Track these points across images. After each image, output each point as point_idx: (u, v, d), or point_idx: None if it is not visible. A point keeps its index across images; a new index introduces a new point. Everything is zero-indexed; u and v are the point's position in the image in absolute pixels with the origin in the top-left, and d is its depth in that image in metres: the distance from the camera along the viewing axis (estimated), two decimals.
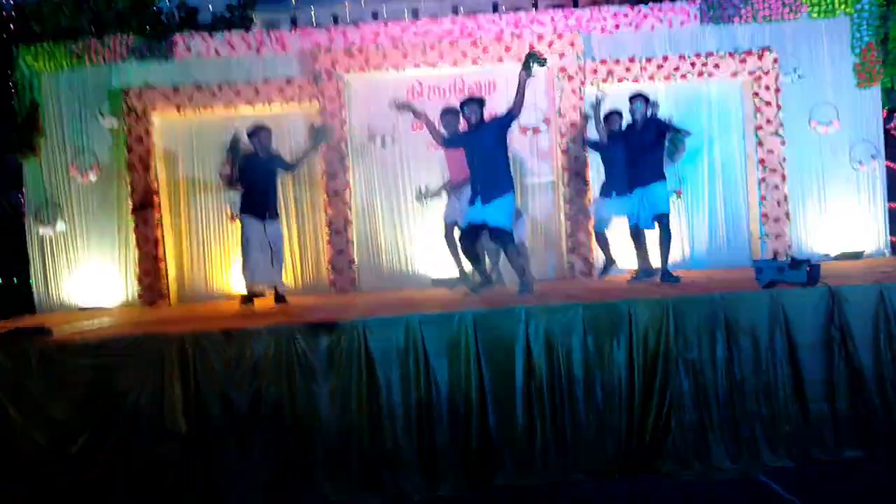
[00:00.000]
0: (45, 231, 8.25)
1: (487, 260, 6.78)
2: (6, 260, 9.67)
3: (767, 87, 8.12)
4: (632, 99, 6.61)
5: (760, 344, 4.64)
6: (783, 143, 8.17)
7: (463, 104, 6.20)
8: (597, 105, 7.06)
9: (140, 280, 8.06)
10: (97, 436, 4.57)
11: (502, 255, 6.57)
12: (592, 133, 7.67)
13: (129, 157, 8.06)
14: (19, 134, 8.20)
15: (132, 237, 8.08)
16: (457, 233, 6.90)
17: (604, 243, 7.61)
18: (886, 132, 8.64)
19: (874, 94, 8.43)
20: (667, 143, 6.70)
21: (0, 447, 4.56)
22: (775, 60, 8.12)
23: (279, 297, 6.98)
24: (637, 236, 6.77)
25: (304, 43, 8.34)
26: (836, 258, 8.13)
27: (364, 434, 4.59)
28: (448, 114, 6.67)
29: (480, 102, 6.15)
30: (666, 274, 6.35)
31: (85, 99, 8.28)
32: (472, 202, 6.14)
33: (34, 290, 8.34)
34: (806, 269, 4.79)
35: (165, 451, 4.54)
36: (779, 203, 8.12)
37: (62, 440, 4.57)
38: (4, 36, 9.31)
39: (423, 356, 4.64)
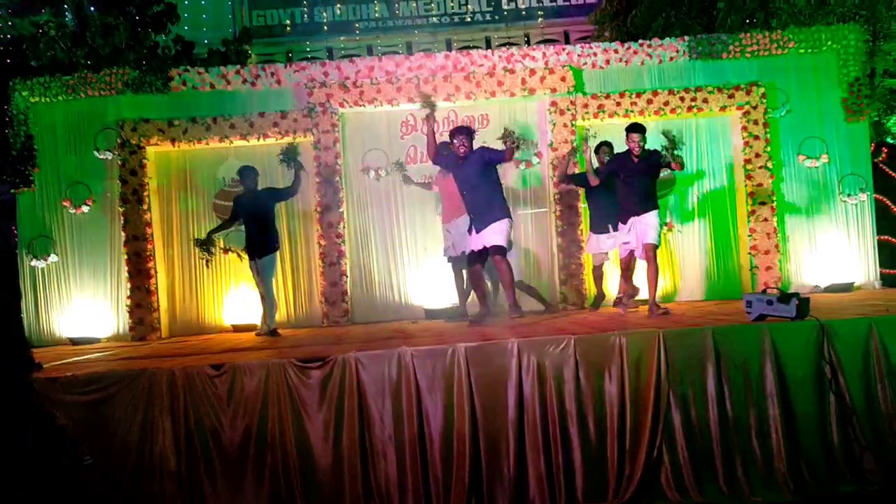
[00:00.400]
0: (37, 264, 8.23)
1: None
2: None
3: (756, 122, 8.23)
4: (629, 130, 6.39)
5: (751, 378, 4.63)
6: (772, 176, 8.26)
7: (452, 134, 6.25)
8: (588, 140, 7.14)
9: (132, 313, 8.02)
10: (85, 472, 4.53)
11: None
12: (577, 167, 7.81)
13: (122, 190, 8.08)
14: (13, 166, 8.22)
15: (124, 270, 8.07)
16: (455, 264, 7.11)
17: (598, 278, 7.74)
18: (875, 165, 8.73)
19: (862, 127, 8.55)
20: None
21: None
22: (763, 95, 8.24)
23: (271, 331, 6.98)
24: (628, 264, 6.78)
25: (299, 77, 8.43)
26: (827, 290, 8.17)
27: (356, 468, 4.55)
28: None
29: (470, 132, 6.20)
30: (654, 306, 6.32)
31: (80, 132, 8.33)
32: (470, 231, 6.22)
33: (25, 322, 8.27)
34: (795, 303, 4.79)
35: (155, 487, 4.50)
36: (768, 235, 8.18)
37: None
38: (0, 69, 9.37)
39: (415, 390, 4.62)
